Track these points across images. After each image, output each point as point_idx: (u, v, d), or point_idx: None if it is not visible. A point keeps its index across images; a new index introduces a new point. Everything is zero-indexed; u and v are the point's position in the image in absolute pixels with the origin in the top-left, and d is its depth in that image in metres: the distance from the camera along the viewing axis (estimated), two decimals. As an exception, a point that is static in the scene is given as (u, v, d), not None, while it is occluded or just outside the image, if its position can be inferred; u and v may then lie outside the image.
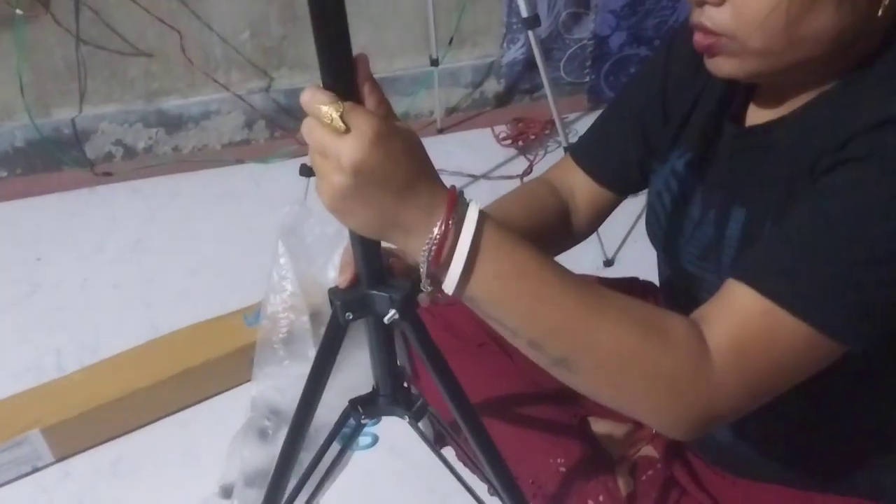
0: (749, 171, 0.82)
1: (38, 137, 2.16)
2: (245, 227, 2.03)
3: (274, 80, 2.29)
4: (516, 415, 1.15)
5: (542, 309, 0.65)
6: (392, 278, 0.75)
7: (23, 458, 1.40)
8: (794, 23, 0.68)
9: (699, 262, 0.89)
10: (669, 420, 0.67)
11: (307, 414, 0.86)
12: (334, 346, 0.80)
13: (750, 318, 0.66)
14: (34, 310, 1.81)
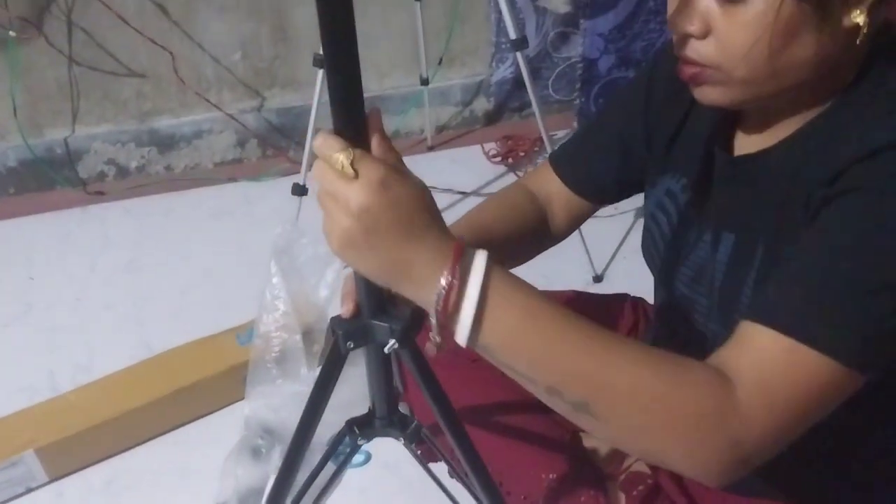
0: (740, 199, 0.84)
1: (31, 157, 2.17)
2: (237, 245, 2.04)
3: (266, 99, 2.32)
4: (508, 429, 1.17)
5: (557, 353, 0.65)
6: (392, 307, 0.76)
7: (17, 479, 1.41)
8: (777, 53, 0.70)
9: (693, 284, 0.91)
10: (700, 463, 0.66)
11: (305, 439, 0.87)
12: (334, 373, 0.82)
13: (772, 357, 0.66)
14: (27, 329, 1.81)
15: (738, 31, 0.70)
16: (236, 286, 1.86)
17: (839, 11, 0.68)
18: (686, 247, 0.92)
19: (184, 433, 1.54)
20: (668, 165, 0.95)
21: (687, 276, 0.92)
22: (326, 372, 0.82)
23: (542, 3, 2.29)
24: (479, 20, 2.35)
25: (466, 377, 1.21)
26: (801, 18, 0.68)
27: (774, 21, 0.68)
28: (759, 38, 0.69)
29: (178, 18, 2.12)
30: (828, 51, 0.70)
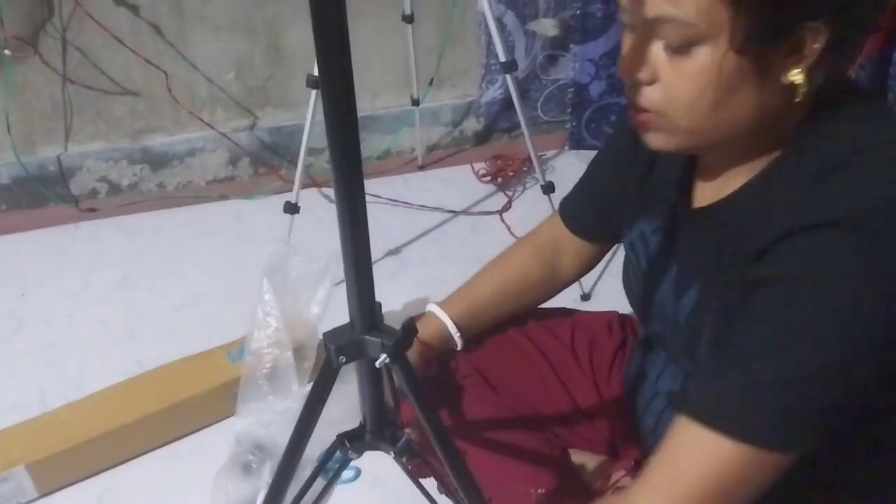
0: (700, 249, 0.87)
1: (24, 174, 2.19)
2: (229, 262, 2.06)
3: (259, 118, 2.34)
4: (498, 444, 1.19)
5: None
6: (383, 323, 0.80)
7: (7, 495, 1.41)
8: (718, 105, 0.73)
9: (662, 322, 0.95)
10: None
11: (296, 453, 0.89)
12: (326, 387, 0.84)
13: (694, 450, 0.73)
14: (18, 346, 1.82)
15: (682, 82, 0.73)
16: (228, 304, 1.87)
17: (779, 69, 0.72)
18: (655, 288, 0.95)
19: (175, 449, 1.54)
20: (641, 208, 0.99)
21: (657, 315, 0.96)
22: (319, 386, 0.84)
23: (531, 27, 2.33)
24: (469, 42, 2.38)
25: (458, 396, 1.24)
26: (742, 74, 0.71)
27: (717, 75, 0.71)
28: (703, 90, 0.72)
29: (173, 38, 2.14)
30: (767, 106, 0.74)
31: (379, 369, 0.83)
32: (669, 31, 0.72)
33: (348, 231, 0.72)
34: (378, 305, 0.80)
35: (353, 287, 0.76)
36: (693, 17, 0.69)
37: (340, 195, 0.70)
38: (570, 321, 1.28)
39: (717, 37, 0.70)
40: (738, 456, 0.71)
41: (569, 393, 1.22)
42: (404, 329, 0.80)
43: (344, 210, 0.71)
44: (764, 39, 0.69)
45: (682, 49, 0.72)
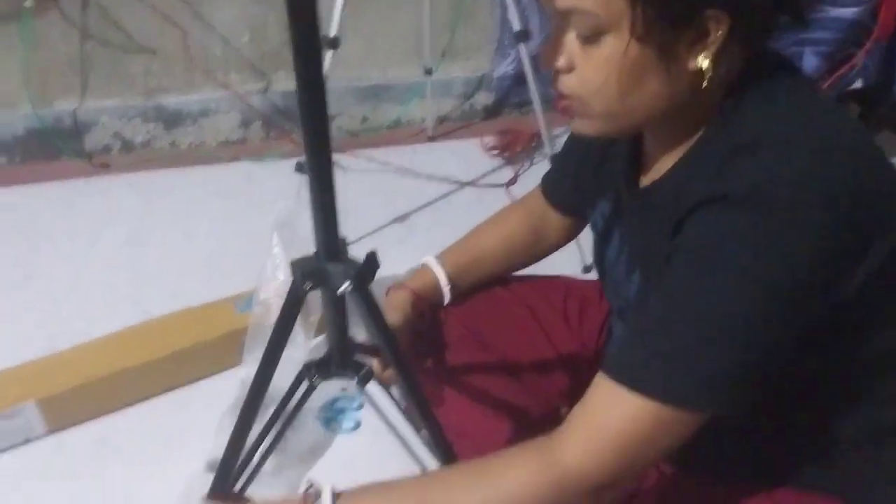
0: (640, 232, 0.92)
1: (39, 127, 2.22)
2: (238, 223, 2.09)
3: (272, 82, 2.37)
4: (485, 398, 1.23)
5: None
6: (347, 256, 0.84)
7: (17, 429, 1.45)
8: (627, 90, 0.77)
9: (619, 299, 1.00)
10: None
11: (265, 380, 0.94)
12: (293, 312, 0.88)
13: (599, 401, 0.78)
14: (29, 295, 1.85)
15: (593, 69, 0.77)
16: (235, 262, 1.90)
17: (685, 56, 0.75)
18: (612, 267, 1.00)
19: (180, 395, 1.58)
20: (600, 188, 1.03)
21: (615, 291, 1.01)
22: (285, 313, 0.88)
23: (546, 3, 2.36)
24: (483, 16, 2.41)
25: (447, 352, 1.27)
26: (646, 61, 0.75)
27: (622, 62, 0.75)
28: (610, 76, 0.76)
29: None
30: (677, 90, 0.77)
31: (342, 299, 0.87)
32: (577, 21, 0.76)
33: (313, 164, 0.76)
34: (342, 239, 0.83)
35: (318, 218, 0.79)
36: (594, 7, 0.73)
37: (306, 127, 0.74)
38: (564, 286, 1.32)
39: (619, 26, 0.73)
40: (647, 412, 0.75)
41: (558, 353, 1.26)
42: (367, 260, 0.84)
43: (309, 142, 0.74)
44: (665, 28, 0.73)
45: (592, 38, 0.76)
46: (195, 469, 1.38)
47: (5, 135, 2.23)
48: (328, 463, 1.45)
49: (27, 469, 1.43)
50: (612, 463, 0.77)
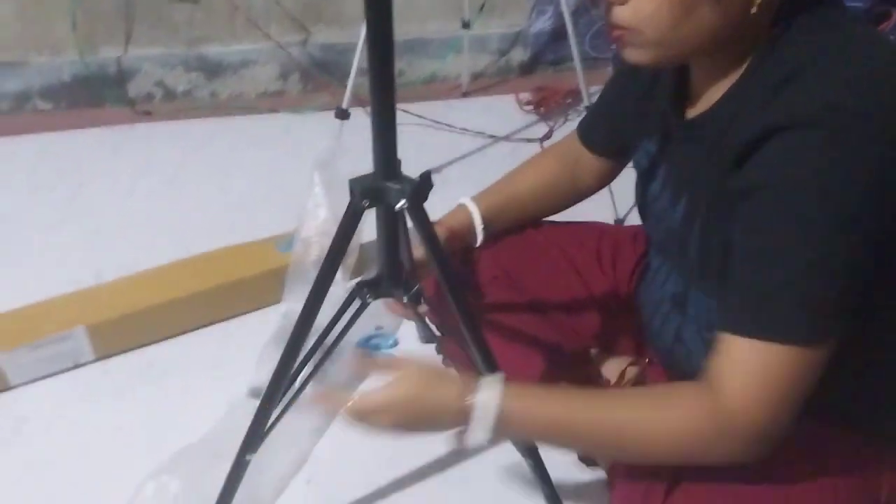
0: (690, 159, 0.93)
1: (85, 74, 2.27)
2: (275, 171, 2.13)
3: (311, 34, 2.40)
4: (518, 336, 1.26)
5: (571, 440, 0.87)
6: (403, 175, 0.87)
7: (67, 353, 1.51)
8: (679, 20, 0.80)
9: (662, 233, 1.03)
10: (720, 460, 0.83)
11: (317, 301, 0.97)
12: (351, 228, 0.92)
13: (746, 361, 0.79)
14: (75, 232, 1.91)
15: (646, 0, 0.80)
16: (272, 208, 1.95)
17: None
18: (656, 201, 1.02)
19: (222, 328, 1.63)
20: (643, 127, 1.05)
21: (659, 226, 1.03)
22: (344, 226, 0.91)
23: (584, -41, 2.37)
24: (522, -29, 2.43)
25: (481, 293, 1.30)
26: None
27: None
28: (661, 5, 0.79)
29: (234, -52, 2.21)
30: (726, 18, 0.79)
31: (396, 217, 0.90)
32: None
33: (377, 90, 0.79)
34: (399, 160, 0.87)
35: (378, 140, 0.83)
36: None
37: (372, 54, 0.77)
38: (598, 230, 1.35)
39: None
40: (787, 357, 0.77)
41: (590, 295, 1.28)
42: (422, 179, 0.87)
43: (374, 67, 0.78)
44: None
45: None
46: (236, 395, 1.44)
47: (52, 81, 2.29)
48: (364, 395, 1.49)
49: (75, 392, 1.49)
50: (771, 412, 0.79)
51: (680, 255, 0.97)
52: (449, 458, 1.36)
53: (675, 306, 1.06)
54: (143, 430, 1.41)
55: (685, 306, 1.04)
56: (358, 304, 1.06)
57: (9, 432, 1.40)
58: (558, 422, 0.85)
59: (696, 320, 1.02)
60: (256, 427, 1.08)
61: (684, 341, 1.06)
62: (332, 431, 1.42)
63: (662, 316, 1.10)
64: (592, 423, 0.84)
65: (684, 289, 1.04)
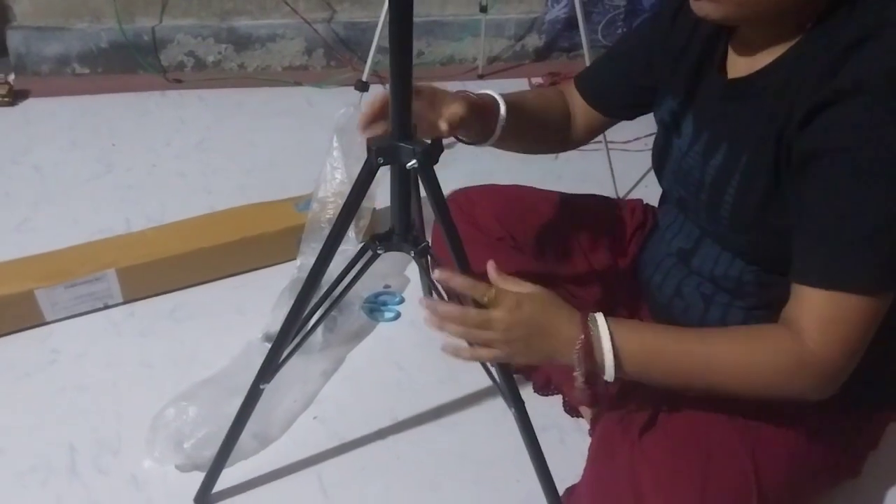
0: (732, 115, 1.00)
1: (121, 41, 2.40)
2: (298, 138, 2.25)
3: (337, 12, 2.51)
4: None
5: (676, 369, 0.94)
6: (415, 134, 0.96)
7: (98, 294, 1.63)
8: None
9: (685, 186, 1.10)
10: (801, 395, 0.92)
11: (330, 252, 1.05)
12: (366, 184, 1.01)
13: (823, 309, 0.88)
14: (108, 186, 2.04)
15: None
16: (294, 171, 2.07)
17: None
18: (683, 155, 1.10)
19: (242, 279, 1.75)
20: (671, 86, 1.12)
21: (682, 180, 1.11)
22: (360, 182, 1.00)
23: (601, -49, 2.46)
24: (540, -40, 2.52)
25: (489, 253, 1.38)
26: None
27: None
28: None
29: (267, -74, 2.32)
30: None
31: (409, 174, 1.00)
32: None
33: (395, 55, 0.88)
34: (414, 124, 0.96)
35: (395, 103, 0.92)
36: None
37: (392, 17, 0.85)
38: (600, 204, 1.45)
39: None
40: (860, 306, 0.87)
41: (591, 266, 1.37)
42: (433, 142, 0.96)
43: (395, 37, 0.86)
44: None
45: None
46: (253, 336, 1.56)
47: (90, 47, 2.42)
48: (369, 345, 1.61)
49: (105, 330, 1.62)
50: (847, 352, 0.89)
51: (707, 207, 1.05)
52: (442, 406, 1.48)
53: (680, 261, 1.15)
54: (166, 365, 1.53)
55: (690, 261, 1.13)
56: (369, 255, 1.15)
57: (44, 362, 1.53)
58: (666, 349, 0.94)
59: (700, 272, 1.11)
60: (270, 361, 1.18)
61: (683, 295, 1.15)
62: (341, 374, 1.54)
63: (664, 272, 1.19)
64: (693, 353, 0.94)
65: (694, 243, 1.12)
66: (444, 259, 1.14)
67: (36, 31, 2.37)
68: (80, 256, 1.64)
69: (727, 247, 1.07)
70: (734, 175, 0.99)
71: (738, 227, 1.01)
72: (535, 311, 0.94)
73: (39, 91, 2.37)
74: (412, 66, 0.90)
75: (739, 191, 0.99)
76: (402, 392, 1.51)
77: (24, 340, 1.57)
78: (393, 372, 1.55)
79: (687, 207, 1.13)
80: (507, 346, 0.94)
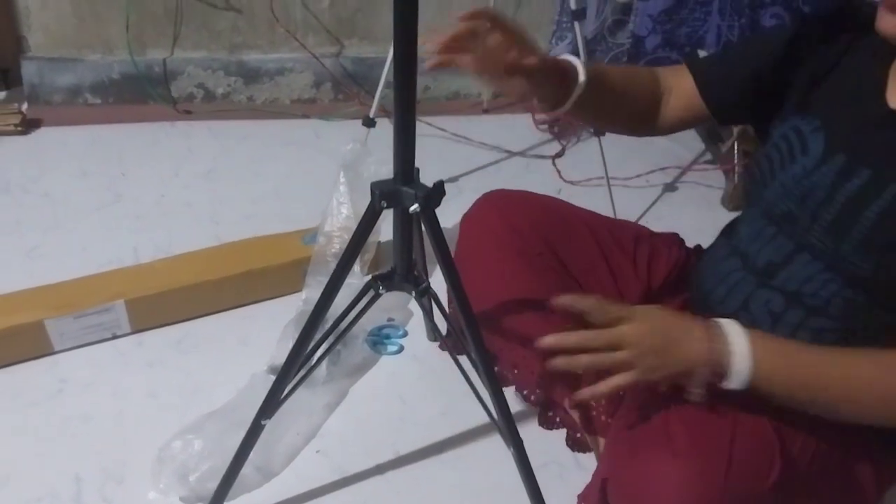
0: (884, 145, 0.99)
1: (133, 72, 2.44)
2: (305, 170, 2.29)
3: (345, 47, 2.56)
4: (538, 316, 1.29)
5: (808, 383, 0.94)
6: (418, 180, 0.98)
7: (106, 324, 1.66)
8: None
9: (792, 200, 1.07)
10: None
11: (333, 289, 1.08)
12: (370, 225, 1.03)
13: None
14: (117, 214, 2.07)
15: None
16: (301, 202, 2.10)
17: None
18: (798, 176, 1.06)
19: (248, 311, 1.78)
20: (802, 107, 1.08)
21: (795, 194, 1.06)
22: (363, 224, 1.03)
23: (604, -9, 2.52)
24: (545, -1, 2.57)
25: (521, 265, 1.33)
26: None
27: None
28: None
29: (279, -36, 2.37)
30: None
31: (411, 218, 1.02)
32: None
33: (400, 102, 0.90)
34: (417, 169, 0.98)
35: (398, 148, 0.95)
36: None
37: (398, 72, 0.88)
38: (634, 232, 1.39)
39: None
40: None
41: (622, 297, 1.33)
42: (435, 186, 0.98)
43: (400, 85, 0.88)
44: None
45: None
46: (258, 368, 1.58)
47: (102, 77, 2.46)
48: (372, 378, 1.63)
49: (112, 359, 1.64)
50: None
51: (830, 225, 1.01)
52: (445, 441, 1.50)
53: (756, 275, 1.12)
54: (172, 396, 1.55)
55: (776, 274, 1.09)
56: (371, 294, 1.18)
57: (52, 391, 1.55)
58: (807, 367, 0.95)
59: (783, 288, 1.08)
60: (272, 396, 1.19)
61: (750, 310, 1.12)
62: (344, 408, 1.56)
63: (730, 285, 1.15)
64: (833, 375, 0.94)
65: (784, 258, 1.09)
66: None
67: (50, 61, 2.42)
68: (90, 287, 1.66)
69: (833, 265, 1.04)
70: (874, 203, 0.98)
71: (869, 248, 0.99)
72: (661, 318, 0.97)
73: (51, 120, 2.41)
74: (416, 112, 0.92)
75: (883, 216, 0.97)
76: (405, 425, 1.53)
77: (31, 369, 1.60)
78: (396, 405, 1.57)
79: (794, 222, 1.08)
80: (641, 359, 0.95)
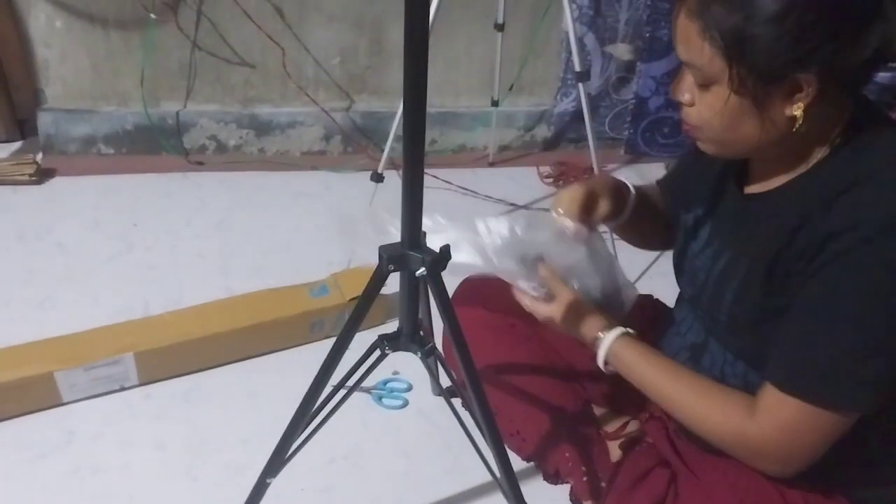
0: (740, 227, 1.09)
1: (146, 124, 2.50)
2: (315, 221, 2.32)
3: (355, 102, 2.62)
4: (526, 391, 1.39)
5: (649, 389, 1.10)
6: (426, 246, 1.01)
7: (114, 377, 1.68)
8: (729, 129, 0.97)
9: (689, 283, 1.19)
10: (746, 462, 1.04)
11: (343, 344, 1.09)
12: (376, 289, 1.05)
13: (781, 410, 0.97)
14: (128, 265, 2.10)
15: (705, 108, 0.98)
16: (310, 253, 2.13)
17: (779, 106, 0.93)
18: (696, 257, 1.18)
19: (256, 363, 1.80)
20: (702, 195, 1.20)
21: (692, 279, 1.19)
22: (370, 288, 1.05)
23: (608, 50, 2.57)
24: (551, 56, 2.63)
25: (500, 337, 1.44)
26: (743, 109, 0.94)
27: (724, 107, 0.95)
28: (714, 116, 0.97)
29: (292, 21, 2.43)
30: (771, 133, 0.96)
31: (417, 281, 1.03)
32: (692, 71, 0.98)
33: (409, 170, 0.94)
34: (423, 232, 1.01)
35: (406, 214, 0.98)
36: (702, 64, 0.94)
37: (406, 137, 0.91)
38: None
39: (722, 80, 0.93)
40: (820, 419, 0.94)
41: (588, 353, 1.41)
42: (441, 251, 1.00)
43: (408, 151, 0.92)
44: (758, 84, 0.91)
45: (703, 85, 0.97)
46: (264, 425, 1.59)
47: (116, 128, 2.52)
48: (376, 433, 1.64)
49: (120, 411, 1.65)
50: (789, 448, 0.98)
51: (709, 308, 1.13)
52: (449, 498, 1.51)
53: (692, 356, 1.21)
54: (179, 448, 1.57)
55: (701, 357, 1.18)
56: (378, 354, 1.19)
57: (60, 443, 1.57)
58: (644, 378, 1.10)
59: (711, 370, 1.16)
60: (278, 454, 1.20)
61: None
62: (348, 462, 1.57)
63: (682, 361, 1.22)
64: (663, 391, 1.08)
65: (703, 340, 1.19)
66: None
67: (65, 113, 2.47)
68: (100, 339, 1.69)
69: (728, 347, 1.13)
70: (733, 281, 1.06)
71: (734, 329, 1.09)
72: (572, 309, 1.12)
73: (65, 170, 2.46)
74: (423, 173, 0.96)
75: (736, 297, 1.06)
76: (409, 481, 1.54)
77: (40, 421, 1.61)
78: (400, 461, 1.58)
79: (697, 306, 1.20)
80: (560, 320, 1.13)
